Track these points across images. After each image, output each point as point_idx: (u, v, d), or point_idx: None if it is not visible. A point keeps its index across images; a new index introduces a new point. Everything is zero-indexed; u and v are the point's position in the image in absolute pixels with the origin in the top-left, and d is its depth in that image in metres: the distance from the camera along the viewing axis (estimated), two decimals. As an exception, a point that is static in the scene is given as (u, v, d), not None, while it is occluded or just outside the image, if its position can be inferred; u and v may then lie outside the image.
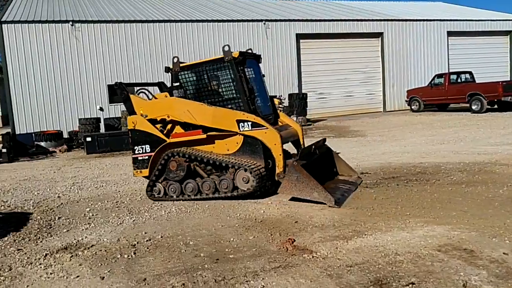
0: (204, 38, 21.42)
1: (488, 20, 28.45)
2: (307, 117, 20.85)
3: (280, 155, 6.59)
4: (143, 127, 7.14)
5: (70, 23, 18.90)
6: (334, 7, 28.80)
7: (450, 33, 26.97)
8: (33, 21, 18.50)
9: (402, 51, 25.76)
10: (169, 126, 7.33)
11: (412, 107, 22.99)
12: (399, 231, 4.93)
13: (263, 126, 6.59)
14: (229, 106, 6.93)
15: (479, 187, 6.61)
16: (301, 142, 7.48)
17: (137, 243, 5.10)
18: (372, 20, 25.28)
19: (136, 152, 7.23)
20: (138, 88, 8.01)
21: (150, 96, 7.68)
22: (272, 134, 6.59)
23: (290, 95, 21.18)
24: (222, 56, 6.88)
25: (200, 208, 6.49)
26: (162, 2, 25.86)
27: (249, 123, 6.60)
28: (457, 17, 28.30)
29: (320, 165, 7.09)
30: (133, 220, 6.09)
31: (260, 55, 7.80)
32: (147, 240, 5.16)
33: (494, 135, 12.28)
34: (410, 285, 3.60)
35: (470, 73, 21.83)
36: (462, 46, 27.24)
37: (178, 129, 7.26)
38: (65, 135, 17.75)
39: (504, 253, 4.10)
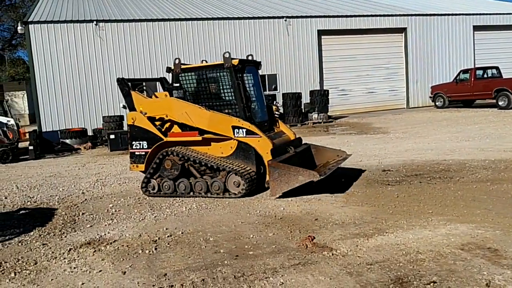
0: (225, 36, 21.50)
1: (515, 13, 27.63)
2: (329, 114, 20.69)
3: None
4: (142, 123, 7.40)
5: (94, 22, 19.23)
6: (356, 2, 28.42)
7: (476, 28, 26.29)
8: (58, 21, 18.92)
9: (426, 47, 25.26)
10: (167, 125, 7.58)
11: (437, 103, 22.53)
12: (421, 229, 4.85)
13: (257, 134, 6.90)
14: (226, 111, 7.22)
15: (504, 185, 6.44)
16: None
17: (158, 238, 5.17)
18: (395, 15, 24.86)
19: (134, 147, 7.53)
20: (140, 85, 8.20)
21: (151, 94, 8.01)
22: (265, 143, 6.89)
23: (312, 92, 21.06)
24: (222, 62, 7.13)
25: (220, 205, 6.53)
26: (183, 1, 26.04)
27: (244, 130, 6.92)
28: (483, 11, 27.56)
29: (297, 160, 7.20)
30: (155, 216, 6.17)
31: (260, 62, 8.08)
32: (168, 236, 5.23)
33: (522, 131, 11.95)
34: (432, 284, 3.54)
35: (496, 68, 21.25)
36: (488, 41, 26.51)
37: (175, 129, 7.53)
38: (89, 133, 18.08)
39: (530, 253, 3.99)
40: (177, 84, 7.59)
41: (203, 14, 21.98)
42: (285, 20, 22.78)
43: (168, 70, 7.77)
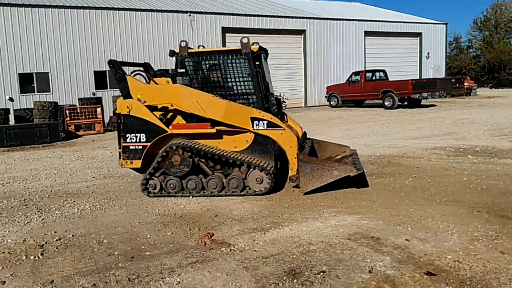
0: (126, 27, 20.63)
1: (401, 22, 30.45)
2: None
3: (295, 158, 6.41)
4: (139, 113, 6.48)
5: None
6: (260, 2, 29.10)
7: (367, 33, 28.49)
8: None
9: (323, 49, 26.76)
10: (169, 115, 6.82)
11: (331, 102, 24.00)
12: (314, 221, 5.13)
13: (280, 126, 6.39)
14: (240, 102, 6.64)
15: (387, 178, 7.07)
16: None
17: (46, 243, 4.79)
18: (296, 17, 25.93)
19: (128, 140, 6.55)
20: (135, 69, 7.14)
21: (147, 80, 7.03)
22: (289, 136, 6.43)
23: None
24: (239, 47, 6.60)
25: (116, 205, 6.26)
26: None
27: (265, 122, 6.36)
28: (374, 18, 29.96)
29: (313, 155, 7.17)
30: (42, 219, 5.71)
31: (267, 50, 7.49)
32: (56, 240, 4.87)
33: (403, 129, 13.21)
34: (321, 273, 3.75)
35: (384, 71, 23.24)
36: (377, 46, 28.89)
37: (179, 120, 6.76)
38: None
39: (406, 240, 4.42)
40: (182, 70, 6.79)
41: (104, 3, 20.85)
42: (189, 15, 22.53)
43: (172, 53, 6.97)
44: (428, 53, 31.40)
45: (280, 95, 19.71)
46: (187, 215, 5.65)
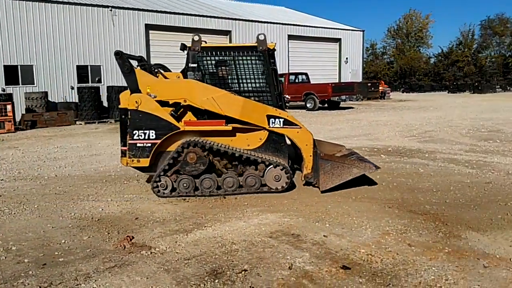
0: (41, 19, 19.31)
1: (322, 27, 31.70)
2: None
3: (310, 156, 6.40)
4: (149, 108, 6.08)
5: None
6: (185, 1, 28.73)
7: (290, 36, 29.29)
8: None
9: (248, 50, 27.05)
10: (179, 112, 6.38)
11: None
12: (237, 220, 5.17)
13: (296, 125, 6.36)
14: (253, 99, 6.47)
15: (308, 177, 7.31)
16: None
17: None
18: (221, 17, 25.96)
19: (136, 137, 6.13)
20: (155, 64, 6.76)
21: (156, 74, 6.62)
22: (305, 135, 6.40)
23: (138, 87, 20.45)
24: (255, 44, 6.45)
25: (27, 209, 5.83)
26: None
27: (281, 120, 6.28)
28: (297, 22, 30.88)
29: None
30: None
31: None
32: (-44, 249, 4.44)
33: (323, 130, 13.77)
34: (243, 272, 3.79)
35: (306, 74, 24.05)
36: (300, 49, 29.82)
37: (189, 116, 6.38)
38: None
39: (324, 236, 4.61)
40: (194, 65, 6.46)
41: (12, -7, 19.33)
42: (111, 10, 21.65)
43: (183, 47, 6.63)
44: (347, 58, 33.01)
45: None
46: (106, 218, 5.43)
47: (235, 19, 26.54)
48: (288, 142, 6.74)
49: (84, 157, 9.88)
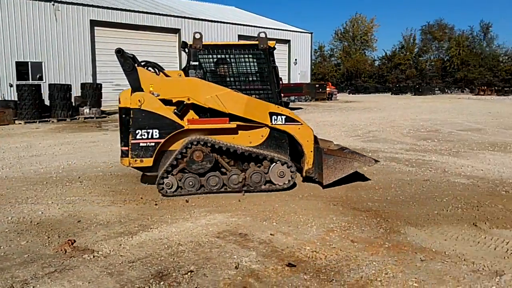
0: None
1: (272, 28, 32.04)
2: (102, 108, 19.80)
3: (311, 151, 6.51)
4: (152, 107, 5.96)
5: None
6: (131, -3, 28.06)
7: (240, 37, 29.36)
8: None
9: (198, 49, 26.84)
10: (182, 110, 6.25)
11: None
12: (184, 221, 5.12)
13: (297, 121, 6.44)
14: (254, 97, 6.46)
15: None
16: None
17: None
18: (170, 15, 25.58)
19: (138, 137, 5.99)
20: (143, 61, 6.47)
21: (157, 72, 6.44)
22: (306, 131, 6.50)
23: (83, 85, 19.75)
24: (256, 42, 6.51)
25: (-42, 214, 5.46)
26: None
27: (283, 117, 6.35)
28: (247, 22, 31.02)
29: None
30: None
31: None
32: None
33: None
34: (189, 273, 3.76)
35: (256, 74, 24.17)
36: (250, 49, 29.92)
37: (191, 114, 6.29)
38: None
39: (271, 234, 4.67)
40: (196, 63, 6.43)
41: None
42: (53, 5, 20.73)
43: (184, 45, 6.59)
44: (296, 59, 33.59)
45: None
46: (46, 221, 5.19)
47: (185, 18, 26.25)
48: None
49: (23, 158, 9.39)
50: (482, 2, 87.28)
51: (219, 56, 6.74)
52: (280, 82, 6.87)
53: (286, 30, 33.37)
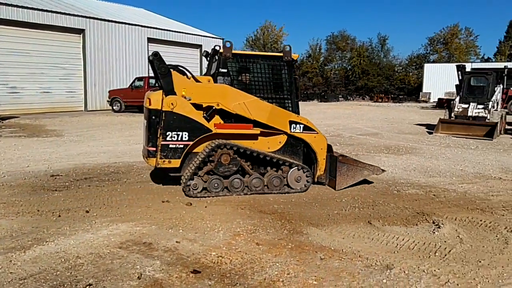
0: None
1: (183, 32, 31.73)
2: (-6, 113, 18.08)
3: (323, 159, 6.99)
4: (184, 111, 6.16)
5: None
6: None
7: (150, 39, 28.67)
8: None
9: (105, 51, 25.70)
10: (210, 114, 6.43)
11: (114, 107, 23.26)
12: (84, 233, 4.85)
13: (314, 130, 6.90)
14: (275, 105, 6.81)
15: (164, 183, 7.22)
16: None
17: None
18: (73, 15, 24.16)
19: (168, 138, 6.17)
20: (169, 65, 6.43)
21: (188, 76, 6.59)
22: (321, 139, 6.97)
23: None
24: (281, 54, 6.89)
25: None
26: None
27: (302, 125, 6.79)
28: (157, 25, 30.36)
29: None
30: None
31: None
32: None
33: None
34: (88, 287, 3.58)
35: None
36: (161, 53, 29.27)
37: (217, 119, 6.50)
38: None
39: (176, 242, 4.60)
40: (225, 70, 6.66)
41: None
42: None
43: (209, 53, 7.09)
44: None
45: None
46: None
47: (90, 18, 24.95)
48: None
49: None
50: (379, 17, 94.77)
51: (246, 65, 7.04)
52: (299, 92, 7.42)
53: (197, 35, 33.23)
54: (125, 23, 27.22)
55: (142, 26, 28.35)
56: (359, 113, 25.29)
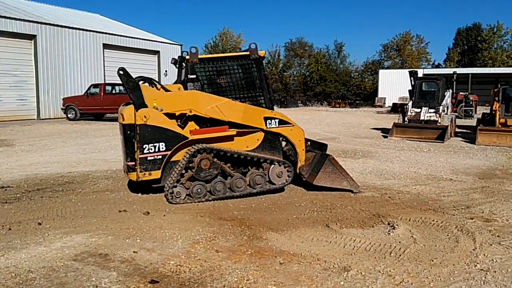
0: None
1: (140, 38, 31.24)
2: None
3: (303, 150, 7.15)
4: (158, 122, 6.18)
5: None
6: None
7: (106, 46, 28.05)
8: None
9: (58, 57, 24.91)
10: (184, 122, 6.47)
11: (69, 115, 22.56)
12: (36, 246, 4.66)
13: (289, 123, 7.01)
14: (248, 103, 6.89)
15: (121, 192, 7.05)
16: None
17: None
18: (24, 20, 23.29)
19: (146, 151, 6.15)
20: (137, 77, 6.44)
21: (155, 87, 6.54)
22: (298, 131, 7.08)
23: None
24: (247, 53, 6.89)
25: None
26: None
27: (277, 120, 6.89)
28: (113, 31, 29.75)
29: None
30: None
31: None
32: None
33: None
34: (40, 303, 3.43)
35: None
36: (117, 59, 28.71)
37: (192, 125, 6.51)
38: None
39: (134, 252, 4.50)
40: (193, 76, 6.83)
41: None
42: None
43: (177, 61, 7.10)
44: (166, 71, 33.21)
45: None
46: None
47: (42, 23, 24.12)
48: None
49: None
50: (335, 24, 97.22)
51: (214, 68, 7.02)
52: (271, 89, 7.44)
53: (155, 41, 32.82)
54: (79, 29, 26.51)
55: (97, 32, 27.71)
56: (318, 118, 25.76)
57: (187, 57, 6.81)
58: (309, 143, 7.71)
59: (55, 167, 9.27)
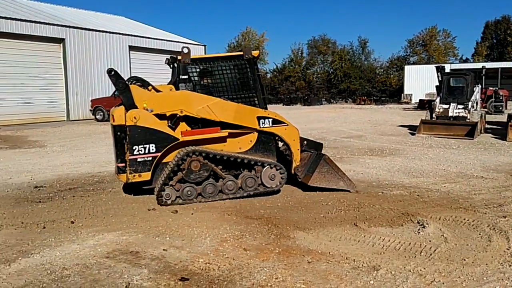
0: None
1: (164, 40, 31.63)
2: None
3: (298, 149, 6.99)
4: (148, 123, 6.10)
5: None
6: (9, 4, 25.67)
7: (131, 47, 28.53)
8: None
9: (86, 60, 25.49)
10: (175, 123, 6.40)
11: (97, 116, 23.05)
12: (70, 244, 4.80)
13: (283, 123, 6.85)
14: (242, 103, 6.78)
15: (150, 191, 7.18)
16: None
17: None
18: (53, 24, 23.93)
19: (136, 152, 6.08)
20: (129, 77, 6.67)
21: (146, 87, 6.58)
22: (292, 130, 6.94)
23: None
24: (241, 53, 6.88)
25: None
26: None
27: (270, 120, 6.73)
28: (138, 33, 30.24)
29: None
30: None
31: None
32: None
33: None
34: (75, 299, 3.54)
35: (150, 85, 23.62)
36: (143, 61, 29.18)
37: (183, 126, 6.44)
38: None
39: (164, 250, 4.59)
40: (185, 76, 6.65)
41: None
42: None
43: (172, 60, 6.95)
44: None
45: None
46: None
47: (70, 27, 24.74)
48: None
49: None
50: (359, 20, 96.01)
51: (207, 68, 7.04)
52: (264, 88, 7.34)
53: (179, 41, 33.15)
54: (106, 32, 27.06)
55: (123, 34, 28.22)
56: (343, 116, 25.52)
57: (179, 57, 6.78)
58: (305, 142, 7.51)
59: (85, 167, 9.51)
